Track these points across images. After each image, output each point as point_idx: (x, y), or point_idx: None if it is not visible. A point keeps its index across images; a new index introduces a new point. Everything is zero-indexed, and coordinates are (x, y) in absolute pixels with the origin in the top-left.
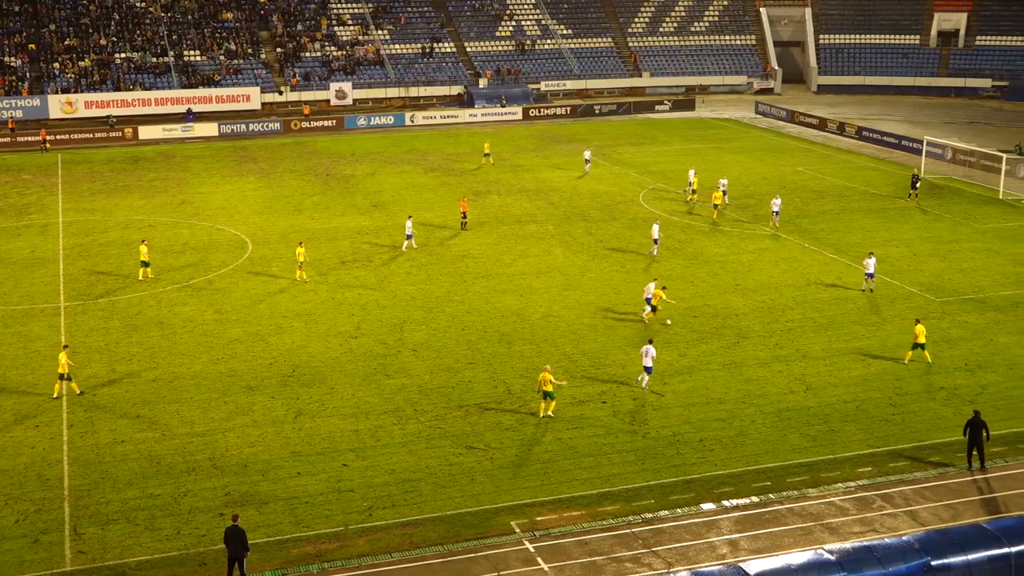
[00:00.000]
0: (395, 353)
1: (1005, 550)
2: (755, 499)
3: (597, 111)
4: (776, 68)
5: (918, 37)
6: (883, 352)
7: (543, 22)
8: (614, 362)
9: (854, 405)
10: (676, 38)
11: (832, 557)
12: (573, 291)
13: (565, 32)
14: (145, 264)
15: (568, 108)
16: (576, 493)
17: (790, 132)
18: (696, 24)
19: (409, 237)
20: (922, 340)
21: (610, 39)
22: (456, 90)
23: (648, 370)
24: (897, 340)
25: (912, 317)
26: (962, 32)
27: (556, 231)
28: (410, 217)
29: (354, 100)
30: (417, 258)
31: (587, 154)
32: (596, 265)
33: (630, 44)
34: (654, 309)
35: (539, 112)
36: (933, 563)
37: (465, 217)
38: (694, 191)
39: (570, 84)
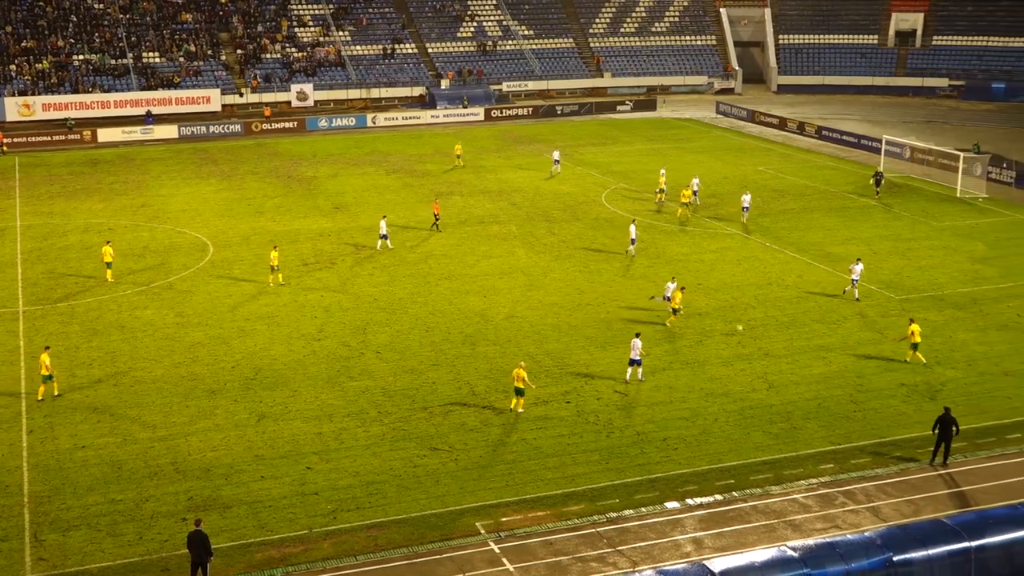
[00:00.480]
0: (358, 355)
1: (965, 544)
2: (719, 497)
3: (559, 112)
4: (736, 68)
5: (876, 37)
6: (844, 349)
7: (504, 23)
8: (578, 362)
9: (816, 403)
10: (637, 38)
11: (795, 554)
12: (536, 292)
13: (526, 33)
14: (109, 265)
15: (530, 109)
16: (541, 493)
17: (751, 132)
18: (657, 24)
19: (384, 237)
20: (917, 339)
21: (571, 40)
22: (418, 91)
23: (634, 362)
24: (858, 337)
25: (906, 315)
26: (919, 32)
27: (519, 232)
28: (384, 217)
29: (315, 102)
30: (380, 260)
31: (556, 155)
32: (559, 265)
33: (591, 45)
34: (675, 312)
35: (501, 113)
36: (895, 558)
37: (438, 219)
38: (662, 190)
39: (532, 85)
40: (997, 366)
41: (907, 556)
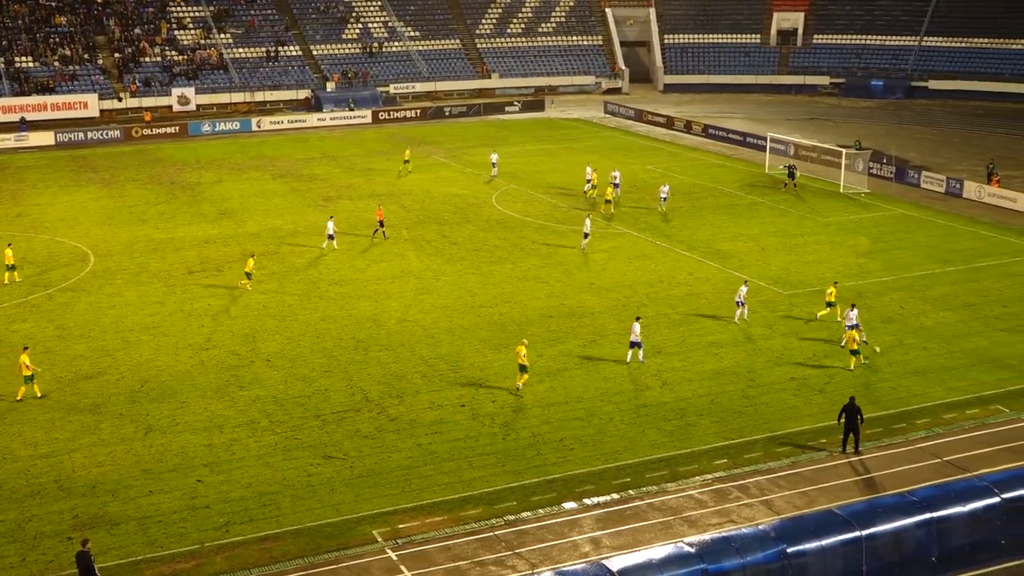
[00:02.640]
0: (248, 364)
1: (856, 533)
2: (615, 496)
3: (447, 113)
4: (623, 68)
5: (759, 36)
6: (735, 345)
7: (390, 24)
8: (472, 365)
9: (709, 399)
10: (524, 39)
11: (692, 549)
12: (428, 295)
13: (413, 34)
14: (11, 268)
15: (418, 111)
16: (438, 498)
17: (639, 131)
18: (543, 25)
19: (331, 237)
20: (854, 347)
21: (458, 40)
22: (303, 94)
23: (634, 344)
24: (748, 333)
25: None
26: (800, 31)
27: (410, 235)
28: (332, 217)
29: (198, 106)
30: (268, 266)
31: (494, 157)
32: (451, 268)
33: (478, 46)
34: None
35: (389, 115)
36: (789, 550)
37: (383, 225)
38: (594, 186)
39: (419, 86)
40: (883, 357)
41: (800, 547)
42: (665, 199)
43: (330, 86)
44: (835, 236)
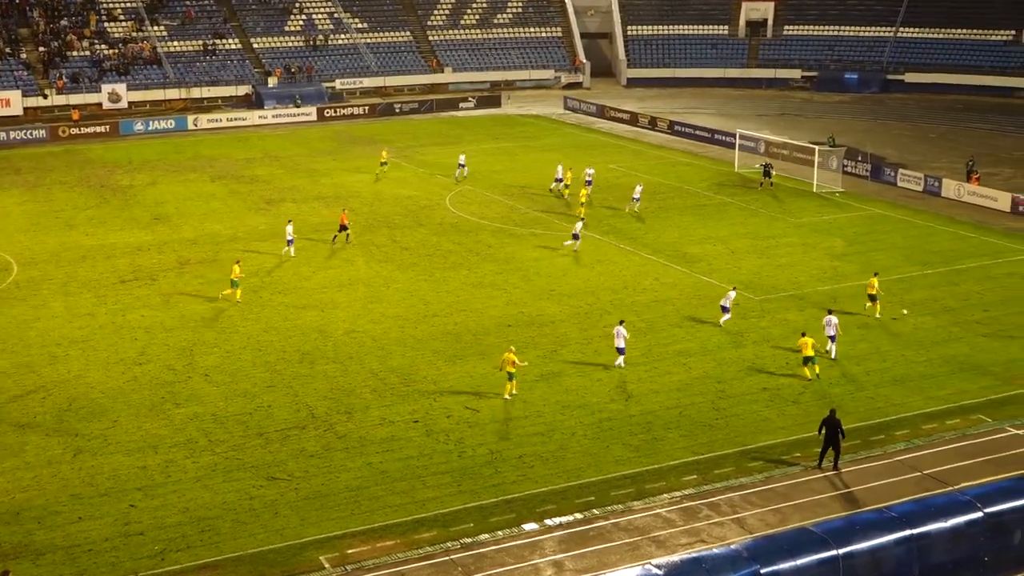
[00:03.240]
0: (185, 379)
1: (833, 552)
2: (579, 516)
3: (398, 110)
4: (584, 61)
5: (727, 27)
6: (704, 354)
7: (336, 15)
8: (425, 378)
9: (677, 411)
10: (478, 31)
11: (660, 572)
12: (378, 304)
13: (360, 26)
14: None
15: (366, 107)
16: (389, 521)
17: (601, 128)
18: (499, 16)
19: (290, 243)
20: (809, 352)
21: (408, 33)
22: (243, 90)
23: (621, 351)
24: (717, 341)
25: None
26: (770, 22)
27: (358, 240)
28: (290, 221)
29: (130, 103)
30: (206, 274)
31: (462, 158)
32: (402, 275)
33: (430, 38)
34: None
35: (335, 112)
36: (762, 571)
37: (344, 229)
38: (566, 185)
39: (368, 82)
40: (858, 366)
41: (775, 567)
42: (638, 199)
43: (272, 81)
44: (808, 238)
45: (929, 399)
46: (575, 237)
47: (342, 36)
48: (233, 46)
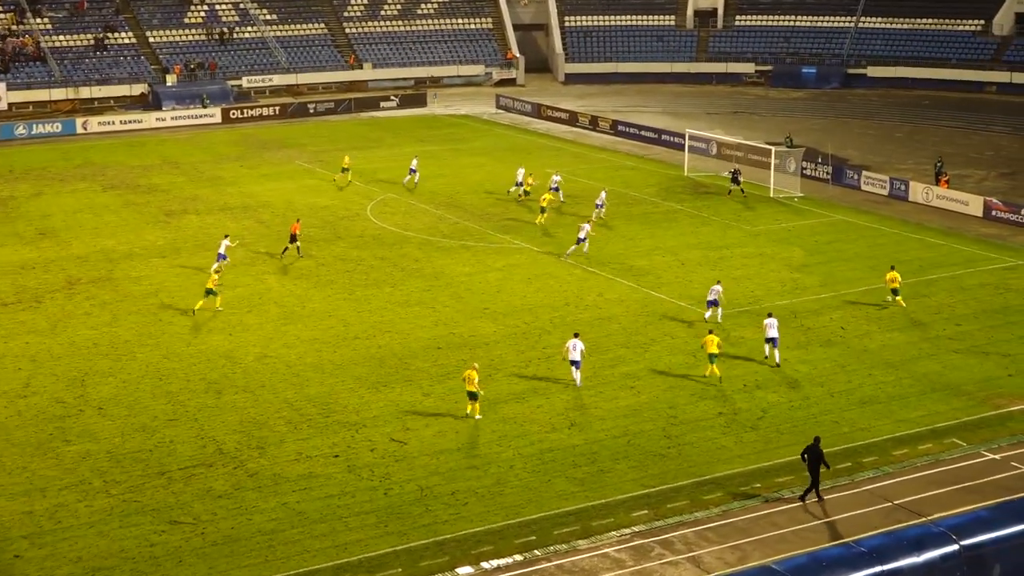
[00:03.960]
0: (76, 413)
1: None
2: (519, 557)
3: (312, 110)
4: (518, 55)
5: (673, 18)
6: (654, 376)
7: (242, 6)
8: (346, 407)
9: (625, 440)
10: (401, 23)
11: None
12: (293, 325)
13: (269, 17)
14: None
15: (277, 108)
16: (308, 567)
17: (537, 129)
18: (423, 6)
19: (223, 258)
20: (714, 350)
21: (323, 25)
22: (138, 89)
23: (576, 364)
24: (668, 362)
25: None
26: (720, 12)
27: (270, 254)
28: (227, 236)
29: (10, 104)
30: (98, 295)
31: (414, 163)
32: (319, 293)
33: (347, 31)
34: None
35: (242, 113)
36: None
37: (295, 240)
38: (526, 192)
39: (278, 79)
40: (822, 387)
41: None
42: (602, 206)
43: (171, 80)
44: (765, 247)
45: (899, 422)
46: (580, 240)
47: (249, 29)
48: (127, 40)
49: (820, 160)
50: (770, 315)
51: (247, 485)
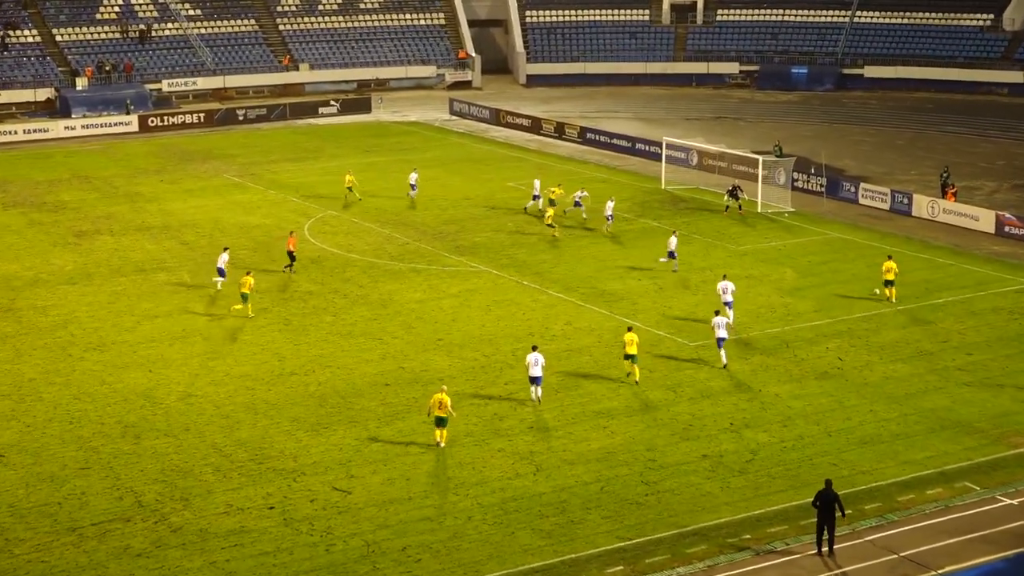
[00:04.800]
0: None
1: None
2: None
3: (241, 117)
4: (473, 55)
5: (648, 12)
6: (630, 415)
7: (161, 1)
8: (282, 452)
9: (598, 487)
10: (341, 19)
11: None
12: (221, 361)
13: (192, 13)
14: None
15: (201, 114)
16: None
17: (496, 137)
18: (366, 1)
19: (222, 273)
20: (633, 350)
21: (253, 21)
22: (44, 95)
23: (534, 380)
24: (645, 399)
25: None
26: (700, 5)
27: (194, 281)
28: (226, 249)
29: None
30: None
31: (413, 177)
32: (251, 324)
33: (280, 28)
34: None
35: (162, 121)
36: None
37: (293, 258)
38: (552, 202)
39: (202, 82)
40: (818, 425)
41: None
42: (611, 217)
43: (81, 83)
44: (752, 268)
45: (904, 464)
46: (671, 256)
47: (169, 26)
48: (31, 39)
49: (813, 171)
50: (717, 313)
51: (170, 542)
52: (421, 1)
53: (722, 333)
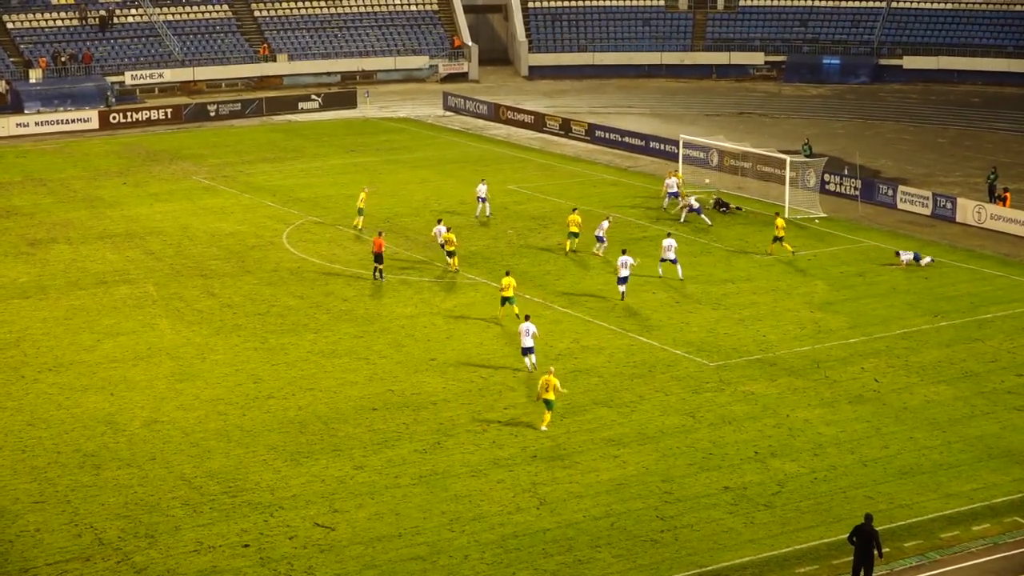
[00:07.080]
0: None
1: None
2: None
3: (213, 113)
4: (470, 44)
5: None
6: (643, 442)
7: None
8: (258, 484)
9: (608, 522)
10: (323, 4)
11: None
12: (190, 383)
13: None
14: None
15: (169, 110)
16: None
17: (495, 135)
18: None
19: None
20: (509, 294)
21: (226, 7)
22: None
23: (527, 351)
24: (660, 425)
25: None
26: None
27: (160, 294)
28: (440, 221)
29: None
30: None
31: (481, 189)
32: (223, 342)
33: (256, 14)
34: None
35: (125, 117)
36: None
37: (381, 261)
38: (575, 234)
39: (170, 74)
40: (852, 454)
41: None
42: (602, 239)
43: (35, 76)
44: (779, 281)
45: (948, 497)
46: (600, 240)
47: (133, 12)
48: None
49: (846, 172)
50: (669, 235)
51: None
52: None
53: (671, 255)
